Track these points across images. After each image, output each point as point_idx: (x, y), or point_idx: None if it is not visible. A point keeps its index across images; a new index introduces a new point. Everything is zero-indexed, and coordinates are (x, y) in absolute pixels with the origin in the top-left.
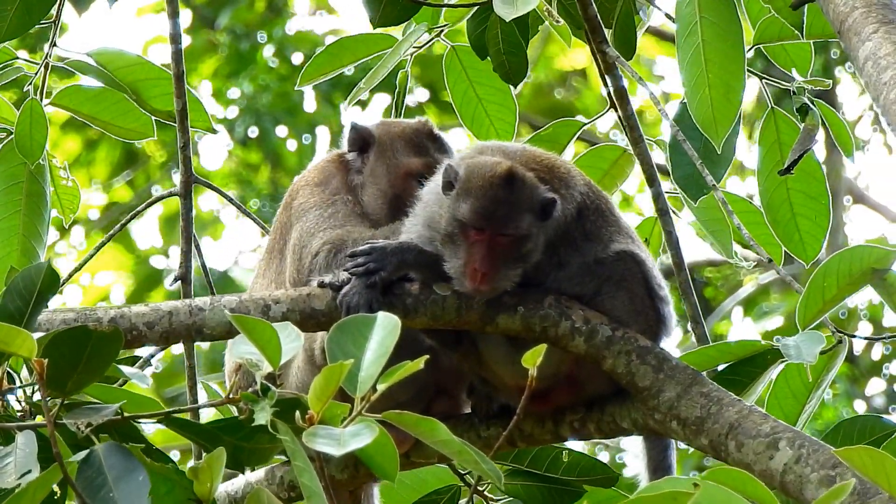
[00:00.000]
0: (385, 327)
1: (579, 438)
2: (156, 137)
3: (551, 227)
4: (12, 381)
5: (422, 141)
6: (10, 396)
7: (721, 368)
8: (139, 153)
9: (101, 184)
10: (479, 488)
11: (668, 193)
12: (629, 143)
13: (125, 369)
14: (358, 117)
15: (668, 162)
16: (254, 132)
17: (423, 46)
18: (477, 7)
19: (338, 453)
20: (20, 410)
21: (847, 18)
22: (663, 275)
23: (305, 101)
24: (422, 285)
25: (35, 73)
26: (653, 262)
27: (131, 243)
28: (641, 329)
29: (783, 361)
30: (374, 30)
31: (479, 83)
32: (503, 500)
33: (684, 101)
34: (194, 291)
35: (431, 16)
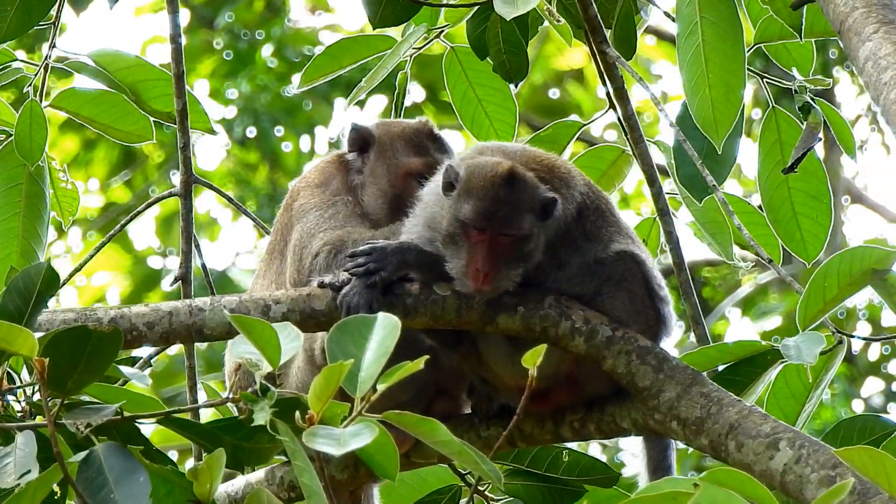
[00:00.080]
0: (385, 327)
1: (579, 439)
2: (154, 140)
3: (552, 227)
4: (12, 381)
5: (422, 141)
6: (9, 396)
7: (721, 369)
8: (137, 153)
9: (98, 185)
10: (479, 488)
11: (667, 194)
12: (627, 144)
13: (125, 369)
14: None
15: (673, 162)
16: (252, 132)
17: (422, 47)
18: (477, 7)
19: (338, 453)
20: (20, 410)
21: (847, 18)
22: (662, 275)
23: (303, 100)
24: (422, 285)
25: (35, 75)
26: (653, 263)
27: (128, 244)
28: (641, 329)
29: (783, 362)
30: (374, 30)
31: (479, 84)
32: (504, 499)
33: (685, 102)
34: (194, 292)
35: (431, 16)
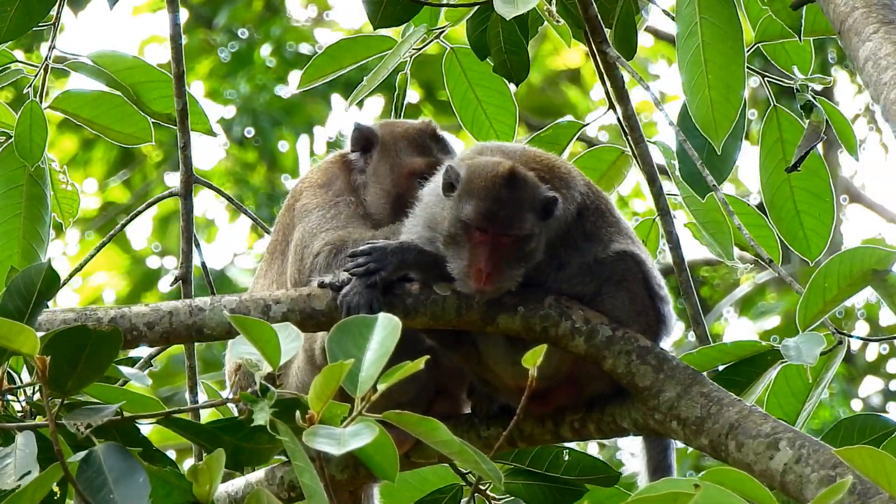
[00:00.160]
0: (385, 328)
1: (579, 439)
2: (153, 142)
3: (553, 226)
4: (12, 381)
5: (425, 141)
6: (8, 396)
7: (721, 369)
8: (136, 153)
9: (97, 185)
10: (480, 487)
11: (667, 195)
12: (627, 144)
13: (125, 370)
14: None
15: (674, 162)
16: (250, 132)
17: (423, 47)
18: (477, 7)
19: (338, 453)
20: (20, 410)
21: (847, 18)
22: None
23: (300, 99)
24: (422, 285)
25: (35, 76)
26: (652, 262)
27: (126, 244)
28: (641, 329)
29: (783, 362)
30: (375, 30)
31: (479, 85)
32: (505, 499)
33: (685, 102)
34: (194, 291)
35: (431, 16)
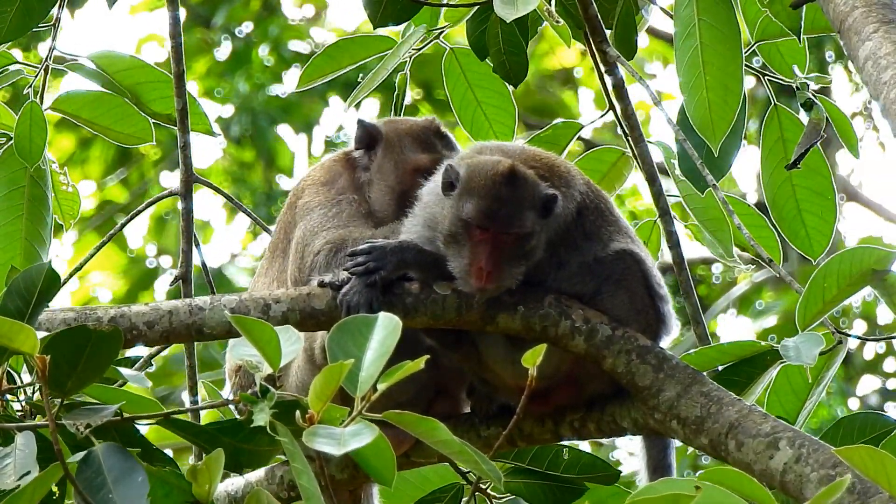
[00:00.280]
0: (386, 327)
1: (579, 438)
2: (154, 142)
3: (552, 225)
4: (12, 381)
5: (429, 137)
6: (8, 396)
7: (721, 369)
8: (133, 152)
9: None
10: (480, 487)
11: (666, 195)
12: (626, 144)
13: (124, 370)
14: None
15: (674, 161)
16: (248, 131)
17: (422, 48)
18: (477, 7)
19: (337, 453)
20: (20, 410)
21: (847, 18)
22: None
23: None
24: (421, 285)
25: (35, 76)
26: (652, 262)
27: (123, 243)
28: (641, 328)
29: (782, 362)
30: (375, 29)
31: (478, 86)
32: (505, 498)
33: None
34: (193, 291)
35: (430, 17)
